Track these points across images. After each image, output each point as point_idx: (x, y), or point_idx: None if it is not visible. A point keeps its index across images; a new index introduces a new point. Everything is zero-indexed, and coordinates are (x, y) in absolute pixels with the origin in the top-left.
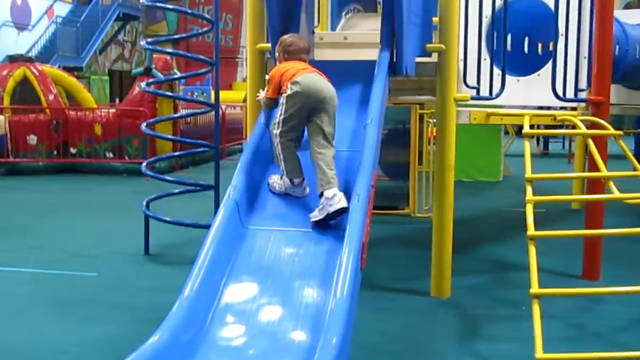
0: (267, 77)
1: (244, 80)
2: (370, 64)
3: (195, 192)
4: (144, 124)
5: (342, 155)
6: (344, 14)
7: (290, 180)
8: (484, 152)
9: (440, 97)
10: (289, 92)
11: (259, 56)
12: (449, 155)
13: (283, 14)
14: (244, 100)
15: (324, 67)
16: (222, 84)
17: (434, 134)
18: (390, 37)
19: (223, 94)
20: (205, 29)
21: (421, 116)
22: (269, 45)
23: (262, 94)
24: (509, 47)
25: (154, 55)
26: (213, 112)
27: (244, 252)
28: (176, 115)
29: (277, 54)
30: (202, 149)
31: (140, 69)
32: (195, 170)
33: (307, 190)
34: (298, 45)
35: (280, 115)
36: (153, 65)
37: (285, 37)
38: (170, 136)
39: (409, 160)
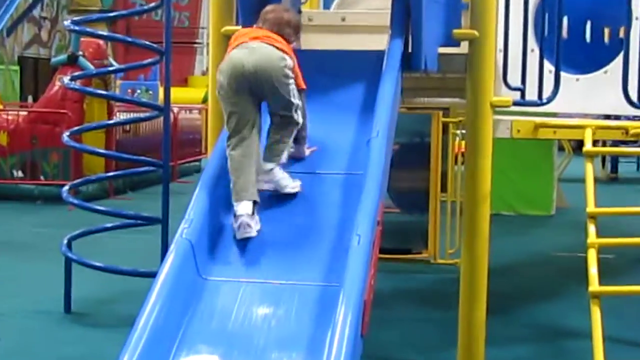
0: None
1: (205, 73)
2: (377, 56)
3: (136, 228)
4: (67, 132)
5: (335, 181)
6: None
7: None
8: (530, 177)
9: (471, 101)
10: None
11: (225, 42)
12: (482, 181)
13: None
14: (205, 101)
15: (312, 59)
16: (175, 79)
17: (463, 151)
18: (404, 18)
19: (175, 92)
20: (151, 4)
21: (445, 126)
22: (238, 28)
23: None
24: (564, 34)
25: (82, 39)
26: (161, 118)
27: (201, 312)
28: (111, 122)
29: (254, 26)
30: (145, 168)
31: (63, 57)
32: (136, 197)
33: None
34: (278, 14)
35: None
36: (80, 53)
37: (268, 7)
38: (102, 150)
39: (428, 186)
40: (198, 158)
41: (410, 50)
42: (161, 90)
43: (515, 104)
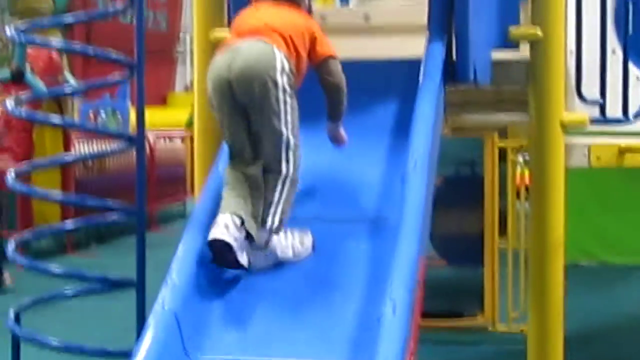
0: None
1: (188, 89)
2: (411, 66)
3: (102, 294)
4: (12, 171)
5: (361, 228)
6: None
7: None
8: (616, 215)
9: (536, 120)
10: None
11: (214, 52)
12: (554, 222)
13: None
14: (189, 125)
15: None
16: (151, 97)
17: (527, 182)
18: (446, 15)
19: (152, 115)
20: (118, 6)
21: (502, 152)
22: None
23: None
24: None
25: (29, 50)
26: (133, 150)
27: None
28: (68, 157)
29: None
30: (114, 215)
31: (5, 73)
32: (102, 252)
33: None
34: None
35: None
36: (28, 67)
37: None
38: (57, 194)
39: (482, 230)
40: (182, 200)
41: (454, 56)
42: (133, 112)
43: (594, 122)
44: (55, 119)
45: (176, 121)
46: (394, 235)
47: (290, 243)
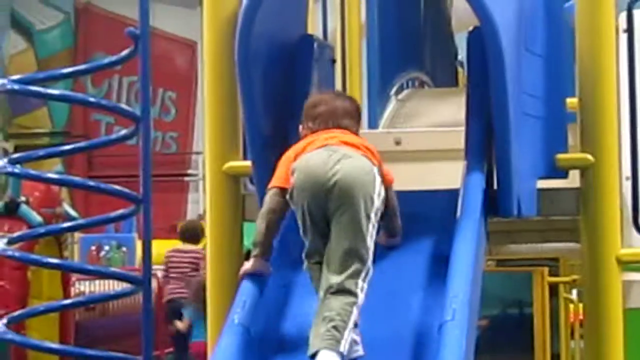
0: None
1: (202, 217)
2: (448, 197)
3: None
4: (4, 320)
5: None
6: (393, 91)
7: None
8: None
9: (589, 255)
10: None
11: (228, 183)
12: None
13: (272, 95)
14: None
15: None
16: (159, 228)
17: (581, 318)
18: (485, 140)
19: (161, 248)
20: (123, 131)
21: (553, 287)
22: (246, 163)
23: (248, 264)
24: None
25: (24, 181)
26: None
27: None
28: (67, 301)
29: (300, 128)
30: None
31: None
32: None
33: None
34: (330, 105)
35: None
36: (22, 198)
37: (312, 99)
38: (53, 344)
39: None
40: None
41: (496, 186)
42: (139, 246)
43: None
44: (52, 260)
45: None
46: None
47: None
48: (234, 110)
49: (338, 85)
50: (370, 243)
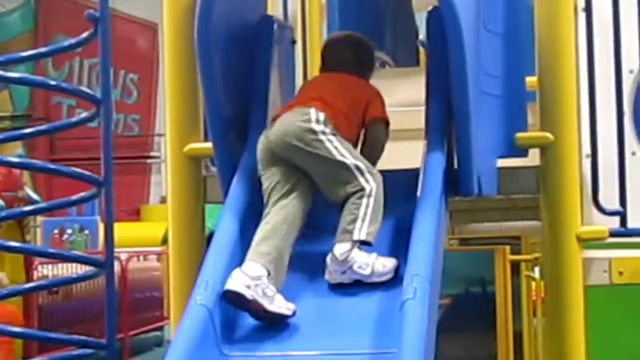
0: None
1: (164, 200)
2: (409, 177)
3: None
4: None
5: None
6: None
7: None
8: None
9: (549, 234)
10: None
11: (189, 165)
12: (573, 347)
13: (233, 76)
14: (165, 242)
15: None
16: (122, 211)
17: (543, 296)
18: (445, 120)
19: (123, 231)
20: (84, 113)
21: (515, 265)
22: (207, 145)
23: None
24: None
25: None
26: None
27: None
28: (28, 285)
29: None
30: (82, 351)
31: None
32: None
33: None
34: (335, 53)
35: None
36: None
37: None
38: (17, 329)
39: (495, 353)
40: (159, 325)
41: (456, 165)
42: (102, 229)
43: (614, 234)
44: (14, 244)
45: (151, 237)
46: None
47: (371, 262)
48: (194, 92)
49: (299, 67)
50: (342, 150)
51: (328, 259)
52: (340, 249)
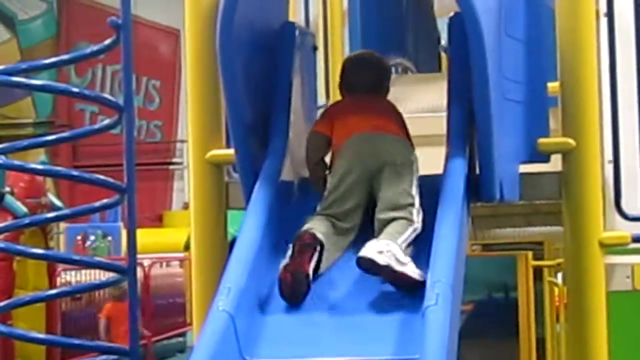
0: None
1: (187, 207)
2: (431, 183)
3: None
4: None
5: None
6: None
7: None
8: None
9: (571, 240)
10: None
11: (211, 171)
12: (595, 352)
13: (255, 82)
14: (188, 248)
15: None
16: (145, 217)
17: (565, 302)
18: (467, 126)
19: (146, 237)
20: (106, 120)
21: (537, 271)
22: (229, 151)
23: None
24: None
25: (8, 172)
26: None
27: None
28: (52, 292)
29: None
30: (105, 357)
31: None
32: None
33: None
34: (356, 72)
35: None
36: (7, 189)
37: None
38: (39, 334)
39: (518, 359)
40: (181, 331)
41: (478, 171)
42: (124, 235)
43: (637, 240)
44: (37, 250)
45: (174, 243)
46: None
47: (407, 261)
48: (216, 99)
49: (320, 73)
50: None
51: (368, 243)
52: (383, 239)
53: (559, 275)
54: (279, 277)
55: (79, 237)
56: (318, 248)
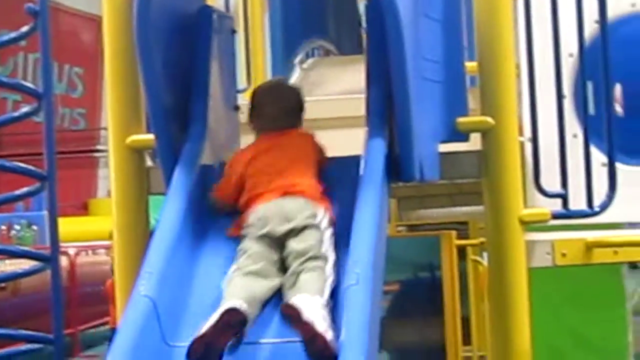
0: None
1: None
2: (351, 164)
3: None
4: None
5: (298, 352)
6: (297, 60)
7: None
8: (592, 314)
9: (492, 218)
10: None
11: (132, 156)
12: (517, 330)
13: (173, 68)
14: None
15: None
16: (69, 206)
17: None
18: (386, 106)
19: (70, 225)
20: (24, 108)
21: (462, 251)
22: (150, 136)
23: None
24: (618, 109)
25: None
26: (48, 270)
27: None
28: None
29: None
30: (29, 346)
31: None
32: None
33: None
34: (275, 107)
35: None
36: None
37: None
38: None
39: (443, 339)
40: (107, 321)
41: (397, 152)
42: (47, 222)
43: (556, 216)
44: None
45: (99, 231)
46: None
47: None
48: (135, 84)
49: (241, 56)
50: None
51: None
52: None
53: (485, 255)
54: (191, 343)
55: (3, 227)
56: (241, 325)
